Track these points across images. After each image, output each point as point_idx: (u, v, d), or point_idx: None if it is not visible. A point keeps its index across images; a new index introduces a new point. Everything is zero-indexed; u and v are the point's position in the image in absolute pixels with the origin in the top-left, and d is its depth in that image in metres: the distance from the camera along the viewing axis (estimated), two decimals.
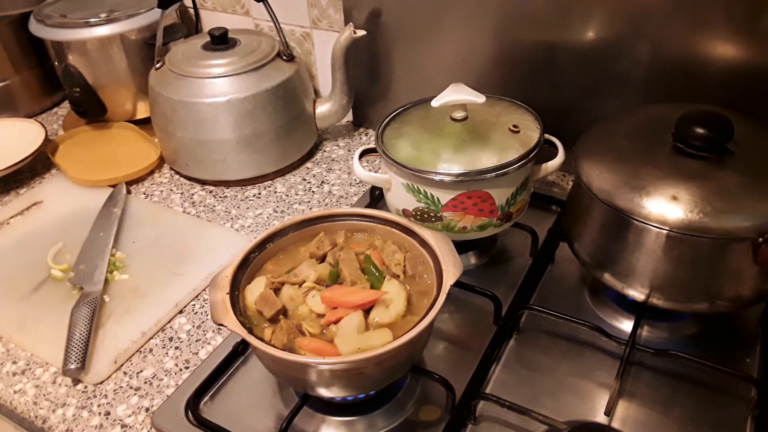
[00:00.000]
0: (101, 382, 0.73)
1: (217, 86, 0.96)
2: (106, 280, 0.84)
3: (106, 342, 0.76)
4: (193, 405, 0.67)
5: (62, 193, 1.03)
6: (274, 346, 0.58)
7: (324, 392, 0.61)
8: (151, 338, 0.78)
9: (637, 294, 0.68)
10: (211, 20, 1.22)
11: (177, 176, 1.07)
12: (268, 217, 0.96)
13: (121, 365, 0.75)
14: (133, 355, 0.76)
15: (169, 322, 0.80)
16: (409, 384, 0.69)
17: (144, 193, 1.03)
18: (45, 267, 0.87)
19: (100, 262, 0.86)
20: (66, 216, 0.97)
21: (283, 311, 0.63)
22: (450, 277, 0.61)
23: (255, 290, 0.65)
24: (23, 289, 0.85)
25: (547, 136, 0.79)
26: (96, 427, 0.68)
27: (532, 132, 0.78)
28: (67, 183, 1.05)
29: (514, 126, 0.78)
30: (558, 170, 0.83)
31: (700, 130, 0.64)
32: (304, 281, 0.66)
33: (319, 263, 0.68)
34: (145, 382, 0.72)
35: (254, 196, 1.01)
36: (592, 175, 0.68)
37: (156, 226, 0.95)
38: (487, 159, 0.74)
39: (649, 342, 0.71)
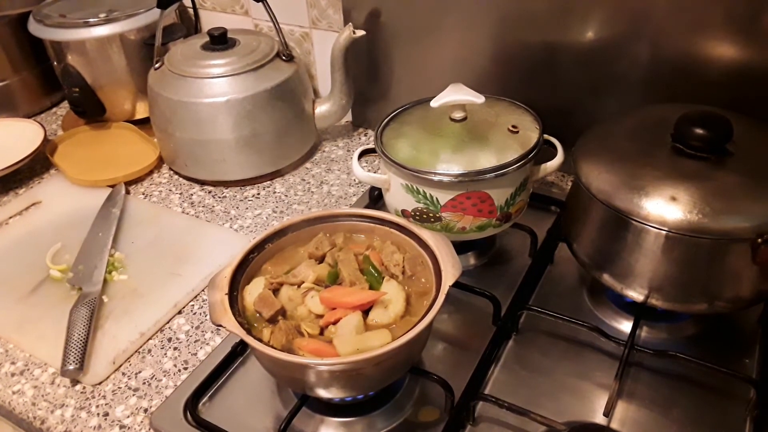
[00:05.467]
0: (100, 383, 0.73)
1: (216, 86, 0.95)
2: (105, 281, 0.84)
3: (104, 342, 0.76)
4: (191, 406, 0.67)
5: (61, 193, 1.03)
6: (272, 346, 0.58)
7: (323, 393, 0.61)
8: (150, 339, 0.78)
9: (636, 295, 0.68)
10: (210, 20, 1.22)
11: (176, 176, 1.06)
12: (267, 218, 0.96)
13: (120, 366, 0.75)
14: (131, 355, 0.76)
15: (167, 322, 0.80)
16: (408, 385, 0.69)
17: (143, 194, 1.03)
18: (44, 267, 0.87)
19: (99, 263, 0.86)
20: (65, 216, 0.97)
21: (282, 312, 0.63)
22: (449, 277, 0.61)
23: (254, 291, 0.65)
24: (22, 290, 0.84)
25: (546, 136, 0.79)
26: (94, 427, 0.68)
27: (531, 132, 0.78)
28: (66, 183, 1.05)
29: (514, 126, 0.78)
30: (557, 171, 0.83)
31: (699, 131, 0.64)
32: (303, 282, 0.66)
33: (318, 264, 0.68)
34: (144, 383, 0.72)
35: (253, 196, 1.01)
36: (592, 175, 0.68)
37: (155, 226, 0.94)
38: (486, 159, 0.74)
39: (648, 343, 0.71)
